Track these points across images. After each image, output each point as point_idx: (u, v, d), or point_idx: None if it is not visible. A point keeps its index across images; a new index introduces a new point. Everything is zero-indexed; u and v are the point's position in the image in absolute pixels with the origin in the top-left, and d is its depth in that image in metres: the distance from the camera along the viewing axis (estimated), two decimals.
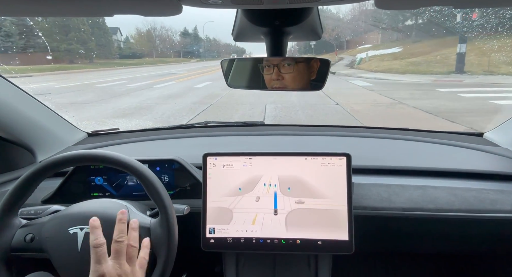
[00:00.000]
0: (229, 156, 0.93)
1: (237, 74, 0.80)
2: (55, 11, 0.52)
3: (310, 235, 0.89)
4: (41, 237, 0.75)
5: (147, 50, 37.85)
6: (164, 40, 43.33)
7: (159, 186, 0.77)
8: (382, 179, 1.02)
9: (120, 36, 36.46)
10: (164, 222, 0.75)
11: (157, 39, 44.66)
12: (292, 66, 0.74)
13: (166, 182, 1.01)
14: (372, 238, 1.01)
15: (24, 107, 1.08)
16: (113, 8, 0.50)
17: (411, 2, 0.51)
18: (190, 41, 49.72)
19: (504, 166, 1.07)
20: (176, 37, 50.68)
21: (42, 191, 0.99)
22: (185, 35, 50.56)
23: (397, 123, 5.35)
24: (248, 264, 1.03)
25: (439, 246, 1.08)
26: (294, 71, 0.74)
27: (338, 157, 0.90)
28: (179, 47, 48.04)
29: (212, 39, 61.58)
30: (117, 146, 1.30)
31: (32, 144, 1.12)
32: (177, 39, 49.07)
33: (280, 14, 0.68)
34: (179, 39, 49.66)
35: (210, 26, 71.80)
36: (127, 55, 31.60)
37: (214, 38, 63.35)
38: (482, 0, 0.55)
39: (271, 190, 0.91)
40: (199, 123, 1.48)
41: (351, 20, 34.11)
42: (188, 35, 50.73)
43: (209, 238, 0.91)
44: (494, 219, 0.92)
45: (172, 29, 46.17)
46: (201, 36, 55.80)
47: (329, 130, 1.39)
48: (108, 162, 0.77)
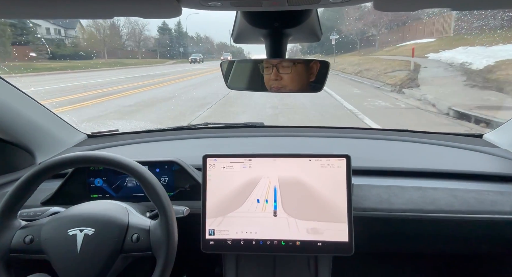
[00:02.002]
0: (229, 157, 0.93)
1: (237, 75, 0.80)
2: (54, 13, 0.53)
3: (310, 236, 0.89)
4: (41, 239, 0.75)
5: (103, 49, 26.85)
6: (131, 37, 33.50)
7: (159, 187, 0.77)
8: (382, 180, 1.02)
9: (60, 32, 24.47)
10: (163, 223, 0.75)
11: (122, 36, 32.43)
12: (290, 67, 0.74)
13: (165, 183, 1.01)
14: (372, 239, 1.01)
15: (24, 109, 1.08)
16: (113, 10, 0.50)
17: (410, 4, 0.52)
18: (170, 38, 39.83)
19: (503, 167, 1.07)
20: (151, 33, 39.19)
21: (41, 192, 0.99)
22: (163, 30, 39.08)
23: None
24: (247, 266, 1.03)
25: (439, 247, 1.08)
26: (293, 72, 0.75)
27: (338, 158, 0.90)
28: (156, 45, 38.03)
29: (204, 37, 51.23)
30: (117, 147, 1.30)
31: (31, 146, 1.12)
32: (153, 36, 38.31)
33: (279, 16, 0.68)
34: (157, 36, 38.82)
35: (198, 20, 62.96)
36: (68, 55, 20.88)
37: (205, 35, 54.34)
38: (480, 2, 0.55)
39: (271, 191, 0.91)
40: (199, 125, 1.49)
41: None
42: (167, 31, 39.46)
43: (208, 240, 0.91)
44: (494, 220, 0.92)
45: (142, 23, 34.18)
46: (189, 33, 46.54)
47: (328, 131, 1.39)
48: (108, 164, 0.77)
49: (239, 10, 0.68)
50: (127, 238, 0.76)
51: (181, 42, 41.12)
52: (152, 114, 6.07)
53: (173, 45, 39.55)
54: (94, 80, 12.73)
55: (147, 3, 0.46)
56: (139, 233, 0.76)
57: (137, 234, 0.76)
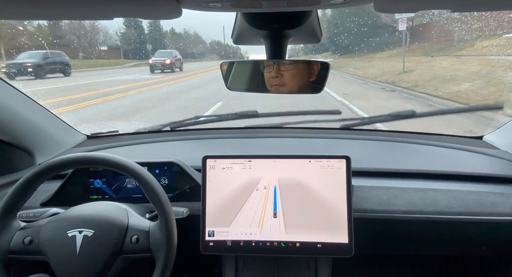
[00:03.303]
0: (229, 159, 0.93)
1: (237, 76, 0.80)
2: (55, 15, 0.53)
3: (309, 237, 0.89)
4: (40, 240, 0.75)
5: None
6: (78, 30, 22.87)
7: (158, 188, 0.76)
8: (382, 182, 1.02)
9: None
10: (163, 225, 0.75)
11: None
12: (291, 65, 0.75)
13: (165, 184, 1.01)
14: (372, 241, 1.00)
15: (24, 110, 1.08)
16: (112, 11, 0.50)
17: (409, 5, 0.52)
18: (138, 33, 27.77)
19: (503, 169, 1.07)
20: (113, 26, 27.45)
21: (41, 193, 0.99)
22: (129, 23, 26.25)
23: None
24: (247, 267, 1.02)
25: (439, 249, 1.08)
26: (294, 69, 0.75)
27: (338, 159, 0.90)
28: (123, 42, 27.40)
29: (193, 34, 37.89)
30: (117, 148, 1.30)
31: (31, 146, 1.12)
32: (113, 29, 26.79)
33: (279, 17, 0.68)
34: (123, 30, 27.05)
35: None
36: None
37: (195, 32, 38.30)
38: (480, 4, 0.55)
39: (271, 193, 0.91)
40: (190, 119, 1.40)
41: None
42: (133, 23, 26.49)
43: (208, 241, 0.91)
44: (494, 221, 0.92)
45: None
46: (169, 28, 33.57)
47: (328, 132, 1.39)
48: (107, 165, 0.77)
49: (239, 11, 0.68)
50: (126, 240, 0.75)
51: (156, 38, 29.38)
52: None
53: (143, 43, 28.28)
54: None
55: (147, 4, 0.46)
56: (138, 235, 0.76)
57: (136, 236, 0.76)
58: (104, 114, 5.79)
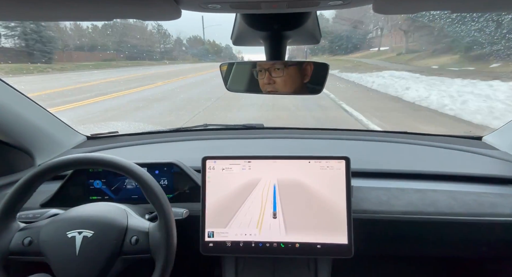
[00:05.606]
0: (228, 159, 0.93)
1: (236, 78, 0.80)
2: (54, 16, 0.53)
3: (309, 238, 0.89)
4: (39, 241, 0.75)
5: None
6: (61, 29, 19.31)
7: (158, 189, 0.76)
8: (381, 182, 1.02)
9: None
10: (162, 225, 0.75)
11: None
12: (282, 70, 0.75)
13: (165, 185, 1.01)
14: (371, 242, 1.00)
15: (24, 111, 1.08)
16: (112, 12, 0.50)
17: (409, 7, 0.52)
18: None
19: (503, 169, 1.07)
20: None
21: (40, 194, 0.99)
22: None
23: None
24: (247, 268, 1.02)
25: (439, 250, 1.08)
26: (285, 75, 0.75)
27: (337, 160, 0.90)
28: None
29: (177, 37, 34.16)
30: (116, 149, 1.30)
31: (31, 147, 1.12)
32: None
33: (279, 19, 0.68)
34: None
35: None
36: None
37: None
38: (479, 5, 0.55)
39: (270, 193, 0.91)
40: (198, 126, 1.48)
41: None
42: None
43: (208, 242, 0.91)
44: (493, 222, 0.92)
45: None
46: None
47: (328, 133, 1.39)
48: (107, 165, 0.77)
49: (238, 12, 0.68)
50: (126, 240, 0.75)
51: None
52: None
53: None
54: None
55: (146, 5, 0.46)
56: (138, 235, 0.76)
57: (136, 236, 0.76)
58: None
